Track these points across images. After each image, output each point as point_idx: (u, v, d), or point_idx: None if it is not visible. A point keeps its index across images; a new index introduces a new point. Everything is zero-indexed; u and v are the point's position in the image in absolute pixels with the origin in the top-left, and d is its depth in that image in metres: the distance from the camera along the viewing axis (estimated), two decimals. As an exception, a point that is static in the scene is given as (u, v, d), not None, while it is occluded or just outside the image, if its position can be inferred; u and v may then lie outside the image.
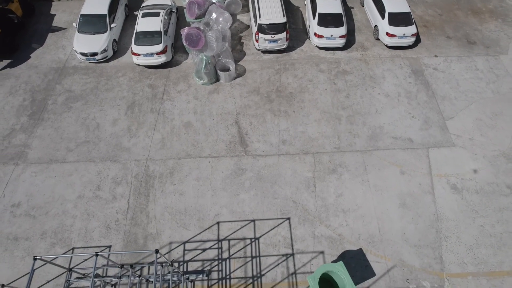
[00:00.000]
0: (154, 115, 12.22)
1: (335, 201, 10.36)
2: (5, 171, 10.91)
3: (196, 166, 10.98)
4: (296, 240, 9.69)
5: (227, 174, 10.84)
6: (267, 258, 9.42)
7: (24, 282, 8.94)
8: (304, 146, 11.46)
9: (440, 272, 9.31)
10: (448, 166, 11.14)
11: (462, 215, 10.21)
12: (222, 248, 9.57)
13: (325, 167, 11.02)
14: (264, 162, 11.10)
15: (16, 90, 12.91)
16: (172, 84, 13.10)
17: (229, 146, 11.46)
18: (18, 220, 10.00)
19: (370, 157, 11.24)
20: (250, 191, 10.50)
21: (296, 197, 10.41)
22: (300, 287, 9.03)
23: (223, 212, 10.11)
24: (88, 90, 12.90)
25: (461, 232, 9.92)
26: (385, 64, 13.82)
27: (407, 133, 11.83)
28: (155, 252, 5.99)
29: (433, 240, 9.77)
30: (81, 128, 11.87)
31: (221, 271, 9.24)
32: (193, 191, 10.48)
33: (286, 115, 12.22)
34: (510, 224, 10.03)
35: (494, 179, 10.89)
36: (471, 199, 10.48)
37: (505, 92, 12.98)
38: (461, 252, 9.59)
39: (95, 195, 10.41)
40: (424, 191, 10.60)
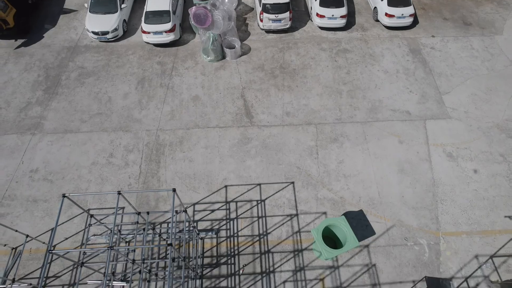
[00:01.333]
0: (163, 89, 12.56)
1: (336, 167, 10.71)
2: (22, 140, 11.26)
3: (204, 136, 11.34)
4: (300, 202, 10.05)
5: (234, 143, 11.19)
6: (273, 218, 9.79)
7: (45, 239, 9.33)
8: (307, 118, 11.81)
9: (436, 231, 9.68)
10: (444, 136, 11.49)
11: (457, 180, 10.57)
12: (230, 209, 9.94)
13: (327, 136, 11.37)
14: (269, 132, 11.46)
15: (31, 67, 13.25)
16: (180, 61, 13.44)
17: (236, 117, 11.81)
18: (37, 184, 10.36)
19: (370, 128, 11.59)
20: (256, 158, 10.86)
21: (300, 163, 10.77)
22: (304, 244, 9.41)
23: (230, 177, 10.47)
24: (100, 67, 13.24)
25: (456, 195, 10.28)
26: (384, 44, 14.15)
27: (405, 106, 12.17)
28: (173, 191, 6.34)
29: (429, 202, 10.13)
30: (94, 101, 12.22)
31: (229, 229, 9.61)
32: (202, 158, 10.84)
33: (290, 89, 12.57)
34: (502, 189, 10.38)
35: (487, 148, 11.24)
36: (465, 166, 10.83)
37: (499, 69, 13.31)
38: (456, 213, 9.96)
39: (108, 162, 10.78)
40: (421, 159, 10.95)
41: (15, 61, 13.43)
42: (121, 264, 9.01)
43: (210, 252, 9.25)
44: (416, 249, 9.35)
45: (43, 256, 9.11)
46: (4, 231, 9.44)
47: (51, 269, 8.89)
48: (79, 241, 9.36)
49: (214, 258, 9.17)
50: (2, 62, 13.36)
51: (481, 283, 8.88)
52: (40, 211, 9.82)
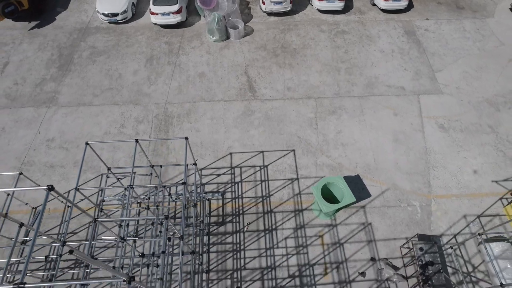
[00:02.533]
0: (171, 66, 13.03)
1: (335, 137, 11.19)
2: (39, 113, 11.74)
3: (210, 108, 11.82)
4: (300, 167, 10.54)
5: (238, 115, 11.67)
6: (275, 182, 10.28)
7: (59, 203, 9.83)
8: (307, 92, 12.28)
9: (428, 194, 10.17)
10: (436, 109, 11.96)
11: (448, 149, 11.05)
12: (234, 174, 10.43)
13: (326, 109, 11.85)
14: (271, 105, 11.93)
15: (44, 46, 13.72)
16: (186, 41, 13.90)
17: (239, 92, 12.28)
18: (53, 151, 10.85)
19: (366, 102, 12.06)
20: (259, 128, 11.34)
21: (300, 133, 11.25)
22: (304, 205, 9.90)
23: (235, 145, 10.96)
24: (110, 47, 13.70)
25: (447, 162, 10.76)
26: (380, 26, 14.60)
27: (400, 82, 12.64)
28: (185, 139, 6.82)
29: (422, 169, 10.62)
30: (105, 78, 12.69)
31: (234, 192, 10.11)
32: (208, 128, 11.32)
33: (290, 67, 13.04)
34: (490, 157, 10.86)
35: (477, 120, 11.71)
36: (456, 136, 11.31)
37: (489, 49, 13.76)
38: (447, 179, 10.44)
39: (119, 132, 11.26)
40: (415, 130, 11.43)
41: (30, 41, 13.90)
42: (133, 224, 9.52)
43: (216, 212, 9.75)
44: (409, 210, 9.85)
45: (61, 215, 9.61)
46: (24, 193, 9.94)
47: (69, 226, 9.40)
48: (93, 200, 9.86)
49: (220, 217, 9.67)
50: (18, 42, 13.83)
51: (469, 240, 9.39)
52: (57, 176, 10.31)
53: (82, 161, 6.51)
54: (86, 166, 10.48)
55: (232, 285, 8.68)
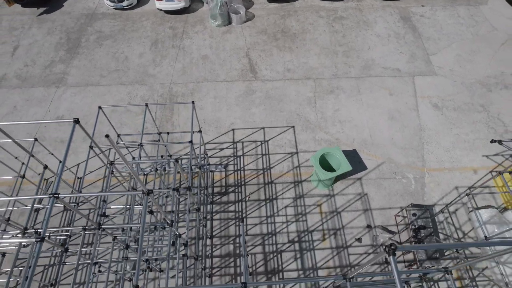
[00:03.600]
0: (175, 50, 13.37)
1: (332, 114, 11.54)
2: (48, 92, 12.08)
3: (213, 88, 12.15)
4: (300, 142, 10.89)
5: (239, 94, 12.01)
6: (275, 156, 10.62)
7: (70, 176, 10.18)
8: (306, 73, 12.62)
9: (421, 167, 10.51)
10: (430, 90, 12.30)
11: (442, 126, 11.39)
12: (236, 148, 10.78)
13: (324, 89, 12.19)
14: (272, 85, 12.27)
15: (53, 31, 14.06)
16: (190, 26, 14.23)
17: (241, 73, 12.62)
18: (63, 128, 11.19)
19: (363, 82, 12.40)
20: (260, 106, 11.68)
21: (300, 111, 11.59)
22: (303, 177, 10.26)
23: (237, 122, 11.30)
24: (116, 31, 14.04)
25: (440, 138, 11.11)
26: (377, 12, 14.93)
27: (395, 64, 12.98)
28: (192, 103, 7.17)
29: (416, 144, 10.97)
30: (112, 60, 13.03)
31: (236, 165, 10.46)
32: (211, 107, 11.66)
33: (290, 50, 13.37)
34: (481, 133, 11.20)
35: (469, 100, 12.05)
36: (449, 115, 11.65)
37: (482, 34, 14.09)
38: (440, 153, 10.79)
39: (126, 110, 11.61)
40: (409, 108, 11.77)
41: (38, 26, 14.23)
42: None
43: (219, 183, 10.11)
44: (404, 181, 10.20)
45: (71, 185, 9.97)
46: (37, 165, 10.28)
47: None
48: (102, 174, 10.23)
49: (223, 187, 10.03)
50: (27, 27, 14.17)
51: (460, 209, 9.75)
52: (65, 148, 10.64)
53: (95, 123, 6.85)
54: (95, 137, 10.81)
55: (234, 250, 9.04)
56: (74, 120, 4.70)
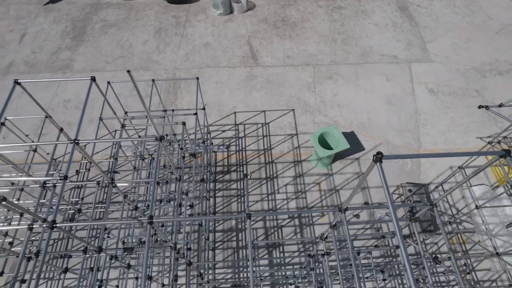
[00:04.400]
0: (178, 37, 13.63)
1: (331, 99, 11.80)
2: (55, 77, 12.34)
3: (215, 74, 12.42)
4: (299, 124, 11.15)
5: (241, 79, 12.28)
6: (276, 137, 10.89)
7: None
8: (305, 60, 12.88)
9: (417, 148, 10.79)
10: (427, 76, 12.56)
11: (437, 110, 11.65)
12: (238, 130, 11.05)
13: (323, 74, 12.45)
14: (272, 71, 12.54)
15: (59, 19, 14.31)
16: (192, 15, 14.49)
17: (243, 59, 12.88)
18: (70, 111, 11.47)
19: (361, 68, 12.66)
20: (261, 91, 11.94)
21: (299, 95, 11.86)
22: (303, 157, 10.52)
23: (238, 105, 11.56)
24: (121, 20, 14.30)
25: (436, 122, 11.37)
26: (375, 2, 15.17)
27: (392, 52, 13.24)
28: (196, 79, 7.44)
29: (412, 127, 11.23)
30: (117, 47, 13.29)
31: (237, 145, 10.73)
32: (213, 91, 11.93)
33: (290, 38, 13.63)
34: (475, 116, 11.46)
35: (465, 85, 12.31)
36: (445, 99, 11.92)
37: (478, 24, 14.35)
38: (435, 135, 11.05)
39: (131, 94, 11.87)
40: (406, 93, 12.04)
41: (45, 15, 14.49)
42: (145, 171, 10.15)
43: (221, 163, 10.38)
44: (400, 162, 10.46)
45: (79, 165, 10.24)
46: (45, 146, 10.55)
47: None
48: (108, 154, 10.50)
49: (226, 167, 10.30)
50: (34, 16, 14.43)
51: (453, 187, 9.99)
52: (74, 131, 10.90)
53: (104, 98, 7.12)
54: (101, 124, 11.07)
55: (236, 225, 9.32)
56: (91, 78, 4.99)
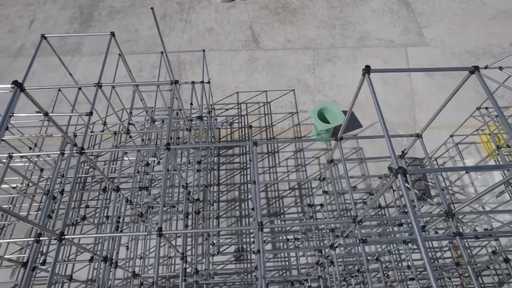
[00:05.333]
0: (182, 23, 13.99)
1: (330, 80, 12.16)
2: (64, 60, 12.62)
3: (219, 57, 12.78)
4: (299, 103, 11.52)
5: (243, 62, 12.64)
6: (277, 115, 11.25)
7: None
8: (305, 44, 13.24)
9: (413, 125, 11.14)
10: (422, 59, 12.92)
11: (433, 90, 12.00)
12: (241, 108, 11.41)
13: (323, 57, 12.81)
14: (273, 53, 12.89)
15: (67, 6, 14.67)
16: (196, 2, 14.83)
17: (245, 43, 13.24)
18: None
19: (359, 52, 13.02)
20: (262, 72, 12.31)
21: (299, 76, 12.22)
22: (303, 133, 10.89)
23: (241, 86, 11.92)
24: (127, 6, 14.65)
25: (431, 101, 11.73)
26: (373, -10, 15.54)
27: (389, 36, 13.59)
28: (203, 51, 7.79)
29: (408, 106, 11.59)
30: (123, 32, 13.65)
31: (240, 122, 11.09)
32: (217, 73, 12.29)
33: (291, 23, 13.98)
34: (469, 96, 11.80)
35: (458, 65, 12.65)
36: (439, 80, 12.26)
37: (473, 10, 14.69)
38: (430, 114, 11.32)
39: (138, 75, 12.23)
40: (402, 75, 12.39)
41: (53, 1, 14.84)
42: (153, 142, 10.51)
43: (225, 138, 10.75)
44: (397, 138, 10.82)
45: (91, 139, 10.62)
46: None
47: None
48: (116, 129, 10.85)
49: (229, 142, 10.67)
50: (42, 2, 14.77)
51: (447, 162, 10.38)
52: (84, 110, 11.28)
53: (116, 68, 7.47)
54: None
55: (239, 196, 9.69)
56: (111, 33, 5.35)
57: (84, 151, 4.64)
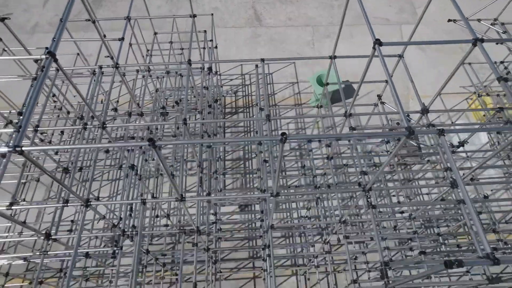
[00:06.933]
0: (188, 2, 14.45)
1: (328, 53, 12.61)
2: (77, 36, 13.20)
3: (223, 33, 13.28)
4: (299, 75, 12.02)
5: (247, 37, 13.14)
6: (278, 84, 11.76)
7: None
8: (305, 22, 13.74)
9: (407, 95, 11.66)
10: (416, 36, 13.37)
11: (426, 64, 12.51)
12: (244, 79, 11.93)
13: (322, 34, 13.32)
14: (275, 30, 13.40)
15: (78, -12, 15.20)
16: (201, -16, 15.39)
17: (247, 21, 13.75)
18: (92, 63, 12.32)
19: (355, 29, 13.51)
20: (264, 47, 12.81)
21: (299, 51, 12.72)
22: (302, 101, 11.40)
23: (244, 59, 12.45)
24: (135, -12, 15.18)
25: (424, 74, 12.19)
26: (369, -26, 16.05)
27: (385, 15, 14.09)
28: (211, 15, 8.28)
29: (403, 77, 12.08)
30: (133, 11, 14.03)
31: (244, 91, 11.60)
32: (222, 47, 12.77)
33: (291, 3, 14.47)
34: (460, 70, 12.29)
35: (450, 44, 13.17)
36: (432, 54, 12.77)
37: (464, -8, 15.21)
38: (423, 85, 11.84)
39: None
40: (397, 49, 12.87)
41: (65, -16, 15.37)
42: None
43: (230, 105, 11.26)
44: (391, 105, 11.30)
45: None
46: (70, 91, 11.40)
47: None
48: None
49: (234, 108, 11.18)
50: (55, -15, 15.31)
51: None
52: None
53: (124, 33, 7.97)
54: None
55: (243, 155, 10.20)
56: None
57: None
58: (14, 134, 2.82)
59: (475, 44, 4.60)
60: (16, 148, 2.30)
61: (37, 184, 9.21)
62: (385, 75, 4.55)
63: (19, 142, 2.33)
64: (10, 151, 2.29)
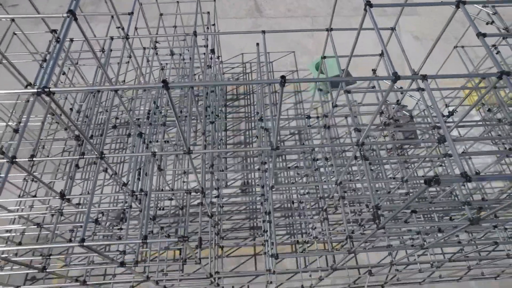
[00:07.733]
0: (190, -6, 14.73)
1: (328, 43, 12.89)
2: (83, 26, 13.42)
3: (224, 23, 13.49)
4: (299, 63, 12.26)
5: (247, 28, 13.37)
6: (279, 72, 12.00)
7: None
8: (304, 13, 13.98)
9: (403, 81, 11.90)
10: (412, 26, 13.66)
11: (422, 52, 12.66)
12: (245, 67, 12.17)
13: (321, 24, 13.55)
14: (275, 21, 13.64)
15: (82, -20, 15.43)
16: (202, -23, 15.59)
17: (248, 12, 13.98)
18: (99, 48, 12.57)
19: (353, 20, 13.76)
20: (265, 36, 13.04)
21: (299, 40, 12.96)
22: (302, 88, 11.64)
23: (245, 48, 12.68)
24: (138, -19, 15.40)
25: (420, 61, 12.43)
26: (367, -33, 16.26)
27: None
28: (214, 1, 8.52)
29: (399, 64, 12.34)
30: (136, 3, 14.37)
31: (245, 78, 11.84)
32: (223, 37, 13.03)
33: (291, -5, 14.76)
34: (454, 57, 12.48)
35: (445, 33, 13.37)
36: (428, 44, 13.01)
37: (460, -15, 15.44)
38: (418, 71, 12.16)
39: (150, 39, 12.98)
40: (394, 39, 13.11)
41: (70, -23, 15.59)
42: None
43: (231, 92, 11.51)
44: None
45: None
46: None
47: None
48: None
49: (235, 95, 11.43)
50: (60, -23, 15.53)
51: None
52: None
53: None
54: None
55: (244, 140, 10.45)
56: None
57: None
58: (41, 76, 3.05)
59: (458, 6, 4.86)
60: (45, 89, 2.55)
61: (46, 163, 9.49)
62: (380, 46, 4.78)
63: (47, 83, 2.57)
64: (40, 92, 2.54)
